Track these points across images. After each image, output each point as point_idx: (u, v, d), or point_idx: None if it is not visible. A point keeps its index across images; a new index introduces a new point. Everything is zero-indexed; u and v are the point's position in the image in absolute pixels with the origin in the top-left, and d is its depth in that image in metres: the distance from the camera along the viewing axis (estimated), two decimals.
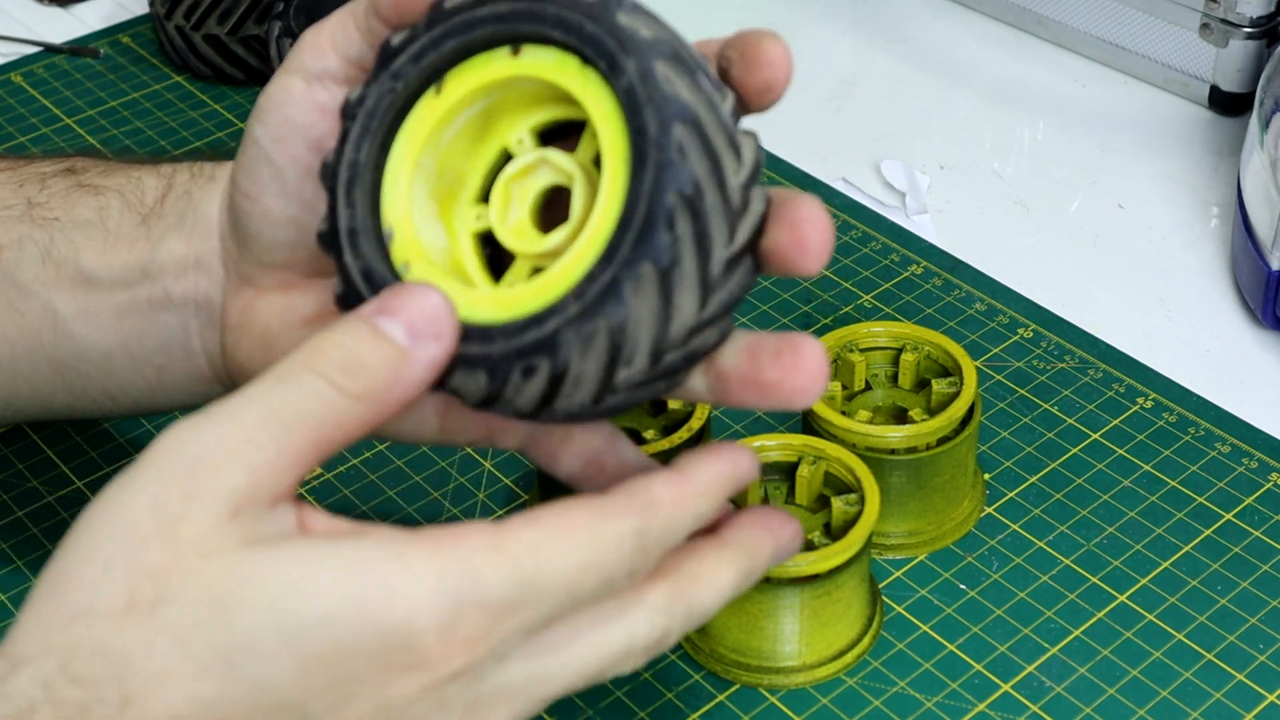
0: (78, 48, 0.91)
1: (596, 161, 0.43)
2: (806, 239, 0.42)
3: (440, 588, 0.37)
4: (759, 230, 0.42)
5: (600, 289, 0.40)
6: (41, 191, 0.53)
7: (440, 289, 0.42)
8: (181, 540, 0.37)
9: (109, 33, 0.93)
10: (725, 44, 0.44)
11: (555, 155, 0.44)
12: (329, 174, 0.44)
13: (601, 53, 0.41)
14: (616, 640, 0.41)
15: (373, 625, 0.37)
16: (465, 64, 0.43)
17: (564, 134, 0.45)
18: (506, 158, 0.45)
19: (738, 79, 0.44)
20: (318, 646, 0.37)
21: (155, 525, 0.37)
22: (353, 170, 0.43)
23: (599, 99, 0.41)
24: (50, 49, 0.91)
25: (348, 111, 0.44)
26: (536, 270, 0.43)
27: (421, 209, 0.44)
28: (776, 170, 0.81)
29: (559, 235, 0.43)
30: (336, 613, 0.37)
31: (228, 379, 0.52)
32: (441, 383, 0.42)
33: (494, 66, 0.43)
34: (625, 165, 0.41)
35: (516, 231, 0.44)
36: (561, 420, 0.42)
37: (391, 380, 0.40)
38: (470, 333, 0.41)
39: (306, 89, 0.47)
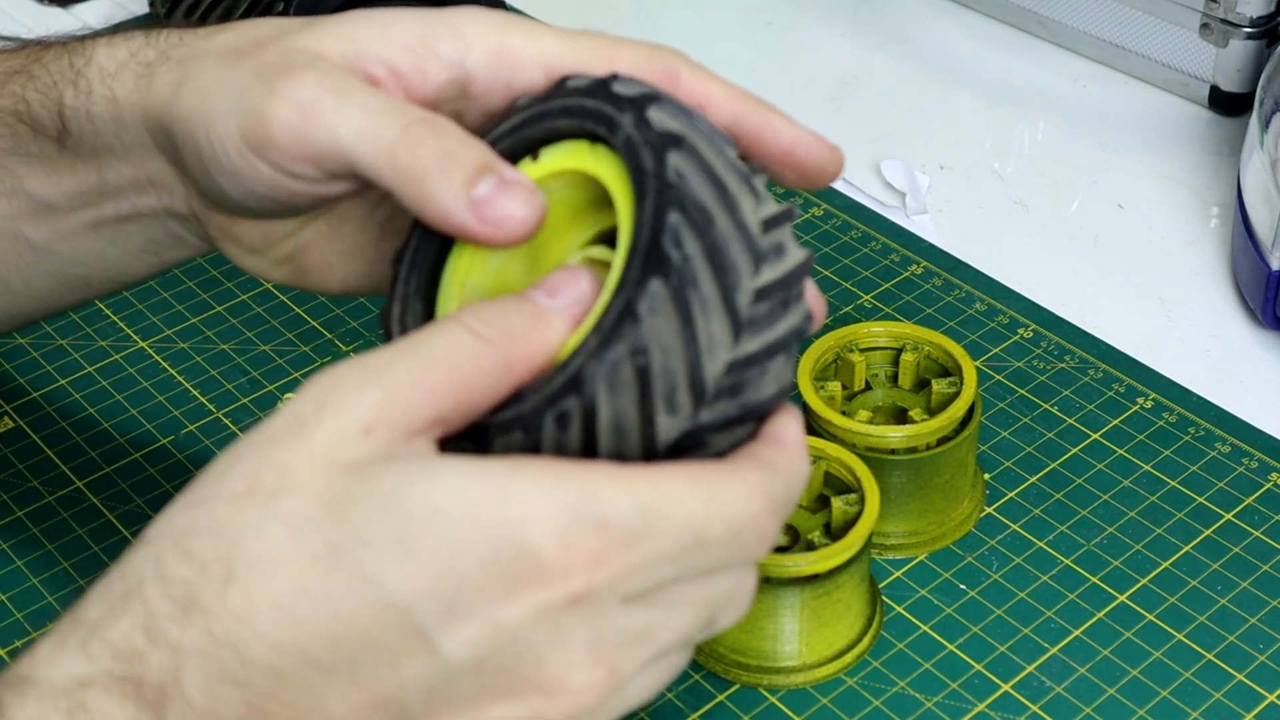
0: None
1: None
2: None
3: (557, 499, 0.36)
4: (796, 273, 0.41)
5: (615, 315, 0.39)
6: None
7: (586, 277, 0.42)
8: (312, 442, 0.37)
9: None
10: (782, 160, 0.45)
11: (598, 250, 0.43)
12: (386, 318, 0.44)
13: (599, 120, 0.42)
14: (724, 586, 0.40)
15: (484, 526, 0.36)
16: (556, 145, 0.44)
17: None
18: None
19: (787, 182, 0.45)
20: (427, 541, 0.36)
21: (288, 429, 0.38)
22: (404, 304, 0.44)
23: (608, 163, 0.42)
24: None
25: (398, 256, 0.44)
26: None
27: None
28: None
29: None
30: (448, 509, 0.36)
31: (225, 240, 0.51)
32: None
33: (576, 155, 0.43)
34: (631, 206, 0.40)
35: None
36: None
37: (528, 327, 0.40)
38: (504, 402, 0.40)
39: (277, 176, 0.45)
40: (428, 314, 0.43)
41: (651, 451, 0.39)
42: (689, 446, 0.40)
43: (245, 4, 0.86)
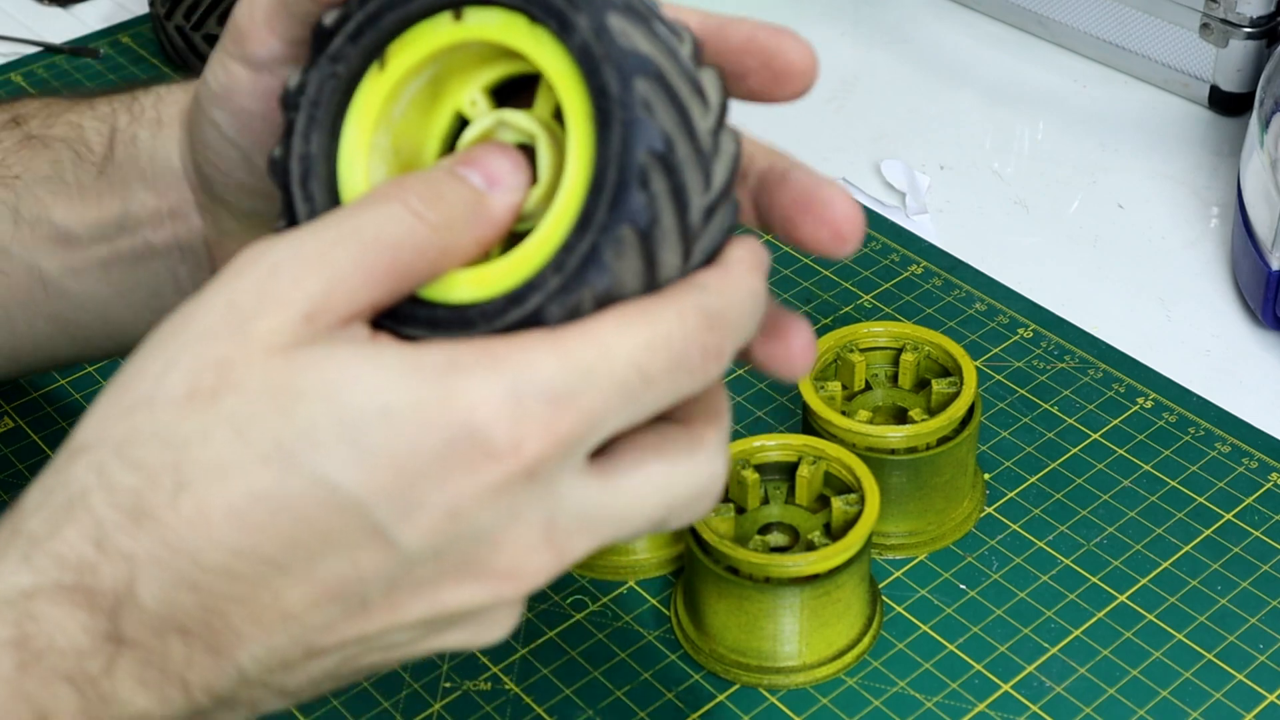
0: (78, 48, 0.91)
1: (556, 115, 0.42)
2: (842, 232, 0.42)
3: (498, 380, 0.36)
4: (734, 170, 0.41)
5: (580, 258, 0.38)
6: None
7: (508, 153, 0.41)
8: (250, 335, 0.37)
9: (109, 33, 0.93)
10: (742, 48, 0.43)
11: (513, 115, 0.42)
12: (279, 170, 0.42)
13: (549, 11, 0.39)
14: (680, 478, 0.40)
15: (434, 420, 0.36)
16: (406, 35, 0.41)
17: (517, 90, 0.43)
18: (462, 123, 0.43)
19: (759, 89, 0.43)
20: (378, 440, 0.36)
21: (226, 322, 0.37)
22: (305, 163, 0.42)
23: (553, 56, 0.40)
24: (50, 49, 0.91)
25: (289, 101, 0.42)
26: (511, 238, 0.42)
27: None
28: None
29: (529, 198, 0.41)
30: (396, 407, 0.36)
31: None
32: None
33: (437, 33, 0.41)
34: (590, 126, 0.39)
35: None
36: None
37: (469, 216, 0.39)
38: (446, 316, 0.39)
39: (254, 77, 0.46)
40: (331, 178, 0.42)
41: None
42: None
43: None
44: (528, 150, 0.42)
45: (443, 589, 0.38)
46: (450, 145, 0.43)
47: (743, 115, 0.43)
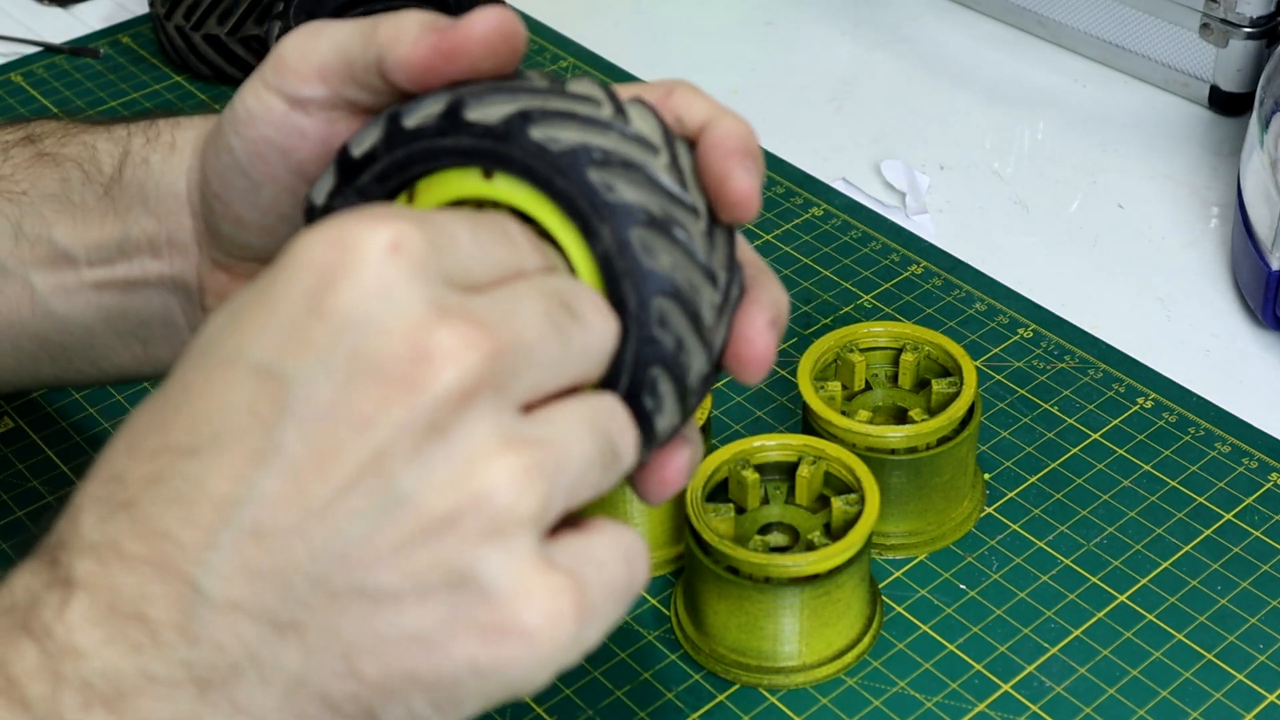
0: (78, 48, 0.91)
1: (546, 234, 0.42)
2: (742, 356, 0.43)
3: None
4: (725, 342, 0.43)
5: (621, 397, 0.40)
6: (5, 163, 0.53)
7: None
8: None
9: (109, 33, 0.93)
10: (701, 156, 0.42)
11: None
12: None
13: (575, 212, 0.40)
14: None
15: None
16: (435, 177, 0.41)
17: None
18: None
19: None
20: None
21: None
22: None
23: (577, 246, 0.40)
24: (50, 49, 0.91)
25: (313, 219, 0.42)
26: None
27: None
28: (777, 170, 0.81)
29: None
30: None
31: None
32: None
33: (465, 184, 0.41)
34: (592, 266, 0.40)
35: None
36: None
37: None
38: None
39: (289, 111, 0.45)
40: None
41: None
42: None
43: (245, 5, 0.86)
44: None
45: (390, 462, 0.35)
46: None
47: (745, 113, 0.44)
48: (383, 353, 0.35)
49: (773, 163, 0.81)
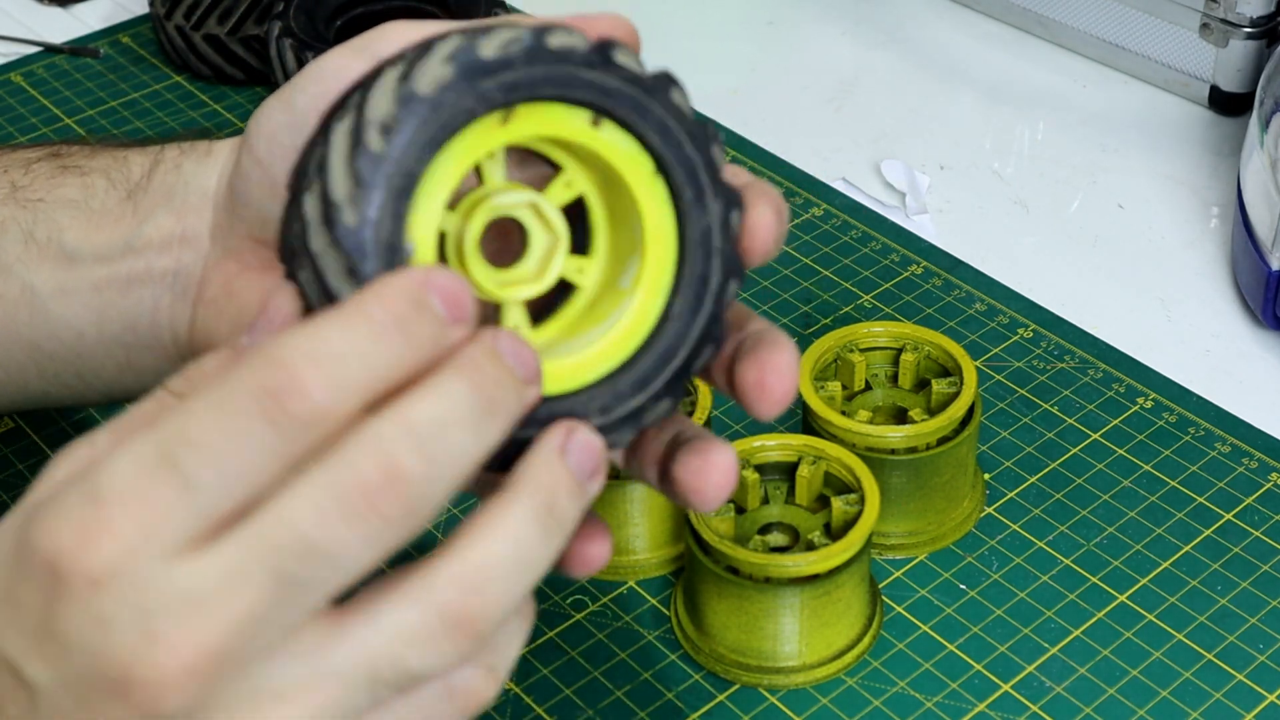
0: (78, 48, 0.91)
1: (567, 210, 0.41)
2: (769, 386, 0.42)
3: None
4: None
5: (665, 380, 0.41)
6: (26, 175, 0.53)
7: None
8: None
9: (109, 33, 0.93)
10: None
11: (549, 209, 0.41)
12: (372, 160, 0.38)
13: (691, 184, 0.39)
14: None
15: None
16: (540, 105, 0.39)
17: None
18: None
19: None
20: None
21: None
22: (400, 167, 0.38)
23: (657, 211, 0.40)
24: (50, 49, 0.91)
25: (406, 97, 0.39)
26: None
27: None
28: (777, 171, 0.81)
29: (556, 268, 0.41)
30: None
31: (189, 353, 0.51)
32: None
33: (570, 125, 0.40)
34: (663, 296, 0.41)
35: (503, 278, 0.40)
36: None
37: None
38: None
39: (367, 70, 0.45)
40: (405, 199, 0.38)
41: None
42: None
43: (245, 5, 0.86)
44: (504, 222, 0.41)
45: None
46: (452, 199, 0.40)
47: (745, 113, 0.44)
48: (110, 677, 0.35)
49: (773, 163, 0.81)
